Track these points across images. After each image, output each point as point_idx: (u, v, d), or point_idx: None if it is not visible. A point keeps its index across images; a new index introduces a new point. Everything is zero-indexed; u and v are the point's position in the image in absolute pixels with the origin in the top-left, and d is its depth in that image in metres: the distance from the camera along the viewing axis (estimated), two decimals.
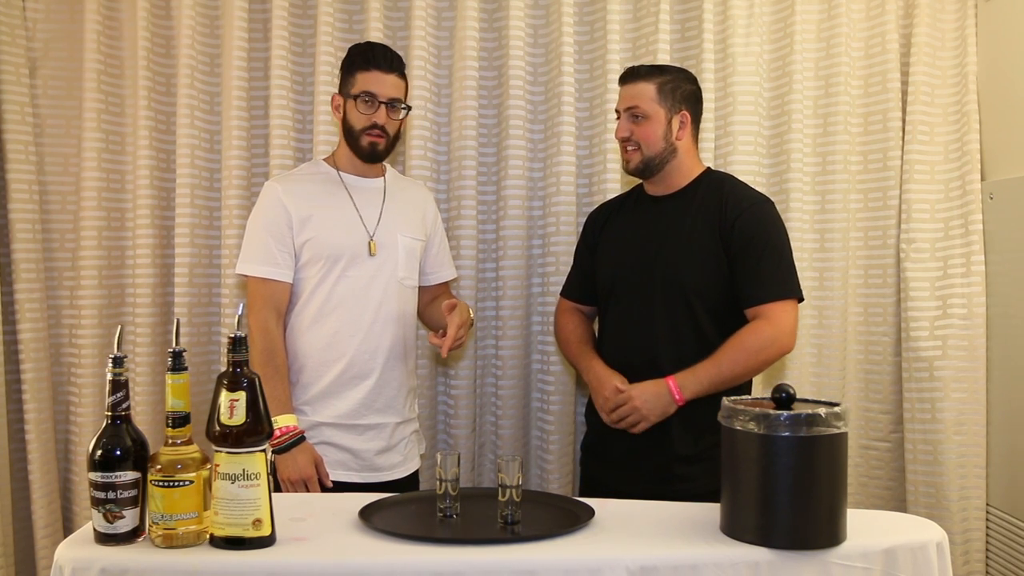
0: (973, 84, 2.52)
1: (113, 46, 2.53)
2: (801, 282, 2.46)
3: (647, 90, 2.00)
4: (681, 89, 2.02)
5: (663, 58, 2.49)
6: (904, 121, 2.54)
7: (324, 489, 1.97)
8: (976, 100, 2.52)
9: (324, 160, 2.16)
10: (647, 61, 2.51)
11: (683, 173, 2.05)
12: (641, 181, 2.12)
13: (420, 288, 2.20)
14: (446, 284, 2.30)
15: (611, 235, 2.14)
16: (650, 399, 1.89)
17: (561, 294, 2.28)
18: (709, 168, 2.10)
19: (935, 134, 2.55)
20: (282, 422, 1.94)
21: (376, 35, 2.49)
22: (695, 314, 1.96)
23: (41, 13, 2.51)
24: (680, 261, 1.97)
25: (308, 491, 1.94)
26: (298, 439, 1.95)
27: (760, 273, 1.93)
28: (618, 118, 2.06)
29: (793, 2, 2.53)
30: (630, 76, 2.04)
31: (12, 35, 2.44)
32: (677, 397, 1.88)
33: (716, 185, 2.03)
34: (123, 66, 2.55)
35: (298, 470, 1.93)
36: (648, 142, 2.00)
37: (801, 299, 1.98)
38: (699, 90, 2.09)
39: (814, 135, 2.56)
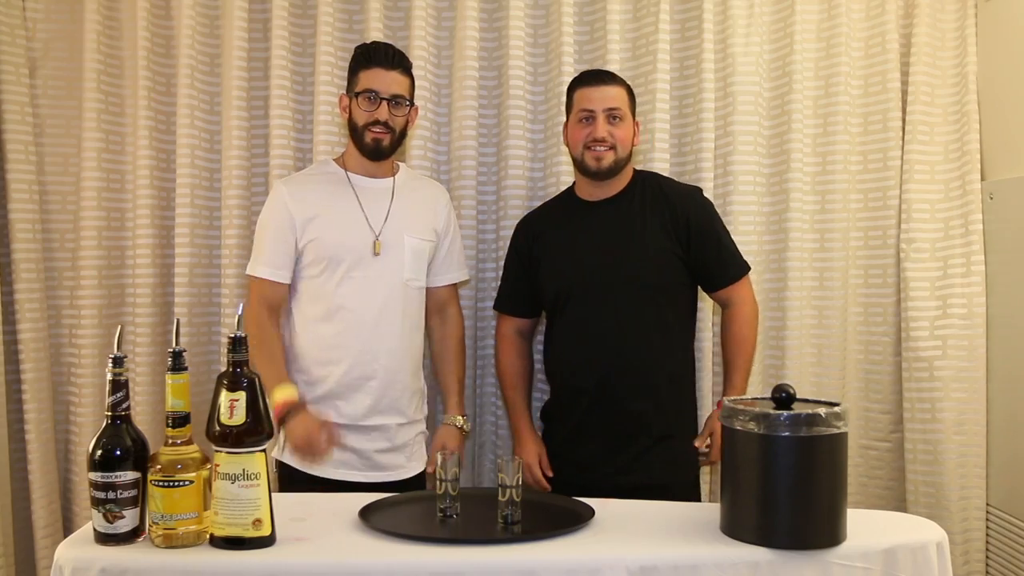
0: (973, 84, 2.52)
1: (113, 46, 2.53)
2: (801, 282, 2.53)
3: (623, 94, 2.12)
4: (635, 99, 2.17)
5: (663, 58, 2.50)
6: (904, 121, 2.54)
7: (327, 486, 1.97)
8: (976, 100, 2.52)
9: (334, 160, 2.17)
10: (647, 61, 2.52)
11: (624, 177, 2.14)
12: (567, 188, 2.24)
13: (427, 289, 2.19)
14: (453, 288, 2.28)
15: (554, 244, 2.16)
16: None
17: (497, 308, 2.31)
18: (635, 169, 2.20)
19: (935, 134, 2.54)
20: (278, 396, 1.94)
21: (376, 35, 2.49)
22: (660, 310, 2.08)
23: (41, 13, 2.51)
24: (642, 262, 2.06)
25: (320, 455, 1.95)
26: (296, 407, 1.96)
27: (722, 258, 2.12)
28: (583, 119, 2.08)
29: (793, 2, 2.53)
30: (606, 79, 2.12)
31: (12, 35, 2.44)
32: None
33: (652, 184, 2.15)
34: (123, 66, 2.55)
35: (305, 431, 1.93)
36: (624, 144, 2.09)
37: (749, 267, 2.18)
38: None
39: (814, 135, 2.56)
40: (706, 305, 2.43)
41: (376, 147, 2.06)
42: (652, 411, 2.06)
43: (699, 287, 2.18)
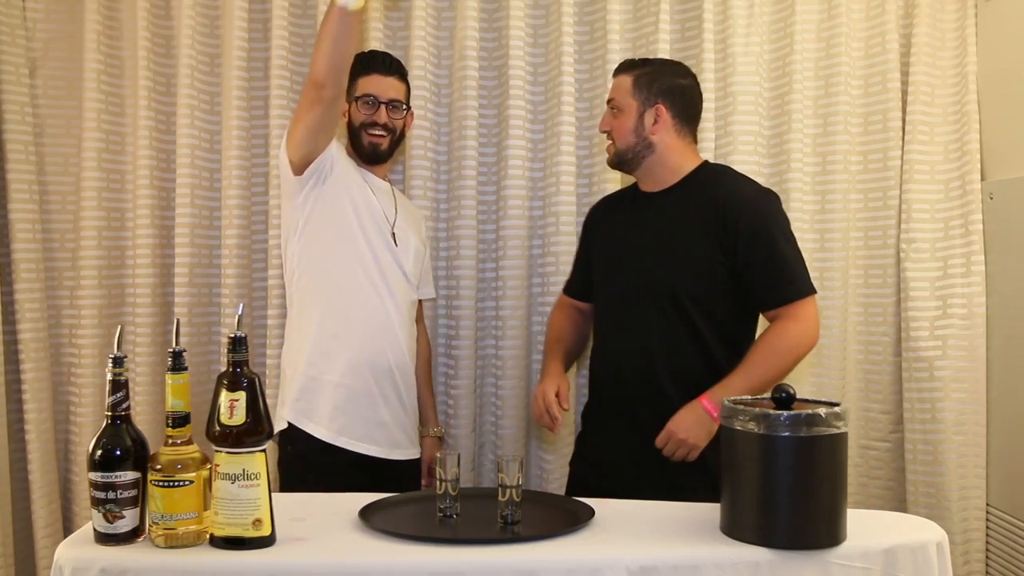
0: (973, 84, 2.52)
1: (113, 46, 2.53)
2: None
3: (625, 83, 1.98)
4: (660, 82, 1.95)
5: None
6: (904, 121, 2.54)
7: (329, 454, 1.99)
8: (976, 100, 2.52)
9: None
10: None
11: (669, 169, 1.97)
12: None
13: None
14: (420, 305, 2.33)
15: (605, 233, 2.10)
16: (691, 427, 1.80)
17: (563, 291, 2.28)
18: (706, 162, 2.03)
19: (935, 134, 2.54)
20: None
21: (376, 35, 2.50)
22: (692, 321, 1.89)
23: (41, 13, 2.51)
24: (670, 266, 1.91)
25: None
26: None
27: (774, 276, 1.86)
28: None
29: (793, 2, 2.53)
30: (617, 68, 2.04)
31: (12, 35, 2.44)
32: (715, 415, 1.78)
33: (711, 181, 1.94)
34: (123, 66, 2.55)
35: None
36: (620, 135, 1.97)
37: (815, 291, 1.89)
38: (690, 84, 2.00)
39: (814, 135, 2.56)
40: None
41: (374, 150, 2.12)
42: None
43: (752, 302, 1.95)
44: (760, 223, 1.86)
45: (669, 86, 1.96)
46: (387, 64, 2.13)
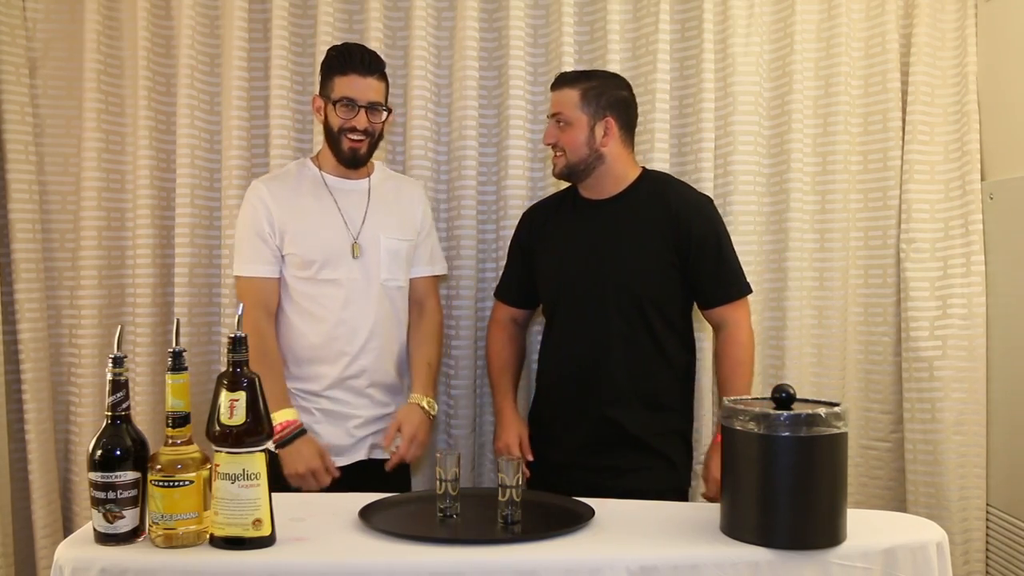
0: (973, 84, 2.52)
1: (113, 46, 2.53)
2: (801, 282, 2.52)
3: (571, 96, 2.02)
4: (607, 95, 2.02)
5: (663, 58, 2.50)
6: (904, 121, 2.54)
7: (331, 484, 1.98)
8: (976, 100, 2.52)
9: (311, 159, 2.17)
10: (647, 61, 2.52)
11: (616, 178, 2.05)
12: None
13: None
14: (431, 281, 2.24)
15: (550, 240, 2.14)
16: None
17: (495, 295, 2.29)
18: (645, 169, 2.12)
19: (935, 134, 2.54)
20: (280, 417, 1.95)
21: (376, 35, 2.49)
22: (649, 321, 2.01)
23: (41, 13, 2.51)
24: (632, 269, 2.00)
25: (315, 483, 1.95)
26: (299, 432, 1.97)
27: (720, 275, 2.02)
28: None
29: (793, 2, 2.53)
30: (557, 82, 2.07)
31: (12, 35, 2.44)
32: None
33: (659, 188, 2.06)
34: (123, 66, 2.55)
35: (304, 462, 1.94)
36: (571, 148, 2.02)
37: (751, 291, 2.08)
38: (631, 96, 2.08)
39: (814, 135, 2.56)
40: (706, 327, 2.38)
41: (353, 155, 2.06)
42: (632, 423, 1.99)
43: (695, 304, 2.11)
44: (709, 228, 2.03)
45: (616, 99, 2.04)
46: (366, 63, 2.02)
